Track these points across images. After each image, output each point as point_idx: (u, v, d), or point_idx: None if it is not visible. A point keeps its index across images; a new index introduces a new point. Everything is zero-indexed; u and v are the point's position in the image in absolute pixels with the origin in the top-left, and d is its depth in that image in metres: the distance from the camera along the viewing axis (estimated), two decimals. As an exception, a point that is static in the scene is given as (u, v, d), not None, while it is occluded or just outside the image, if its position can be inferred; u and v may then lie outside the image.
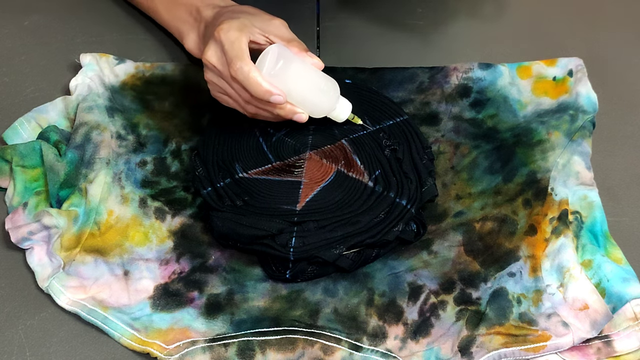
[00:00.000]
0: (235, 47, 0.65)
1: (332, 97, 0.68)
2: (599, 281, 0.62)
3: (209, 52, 0.67)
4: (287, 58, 0.65)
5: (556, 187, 0.68)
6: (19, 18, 0.86)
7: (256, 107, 0.68)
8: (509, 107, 0.76)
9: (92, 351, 0.61)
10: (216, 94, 0.70)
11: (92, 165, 0.69)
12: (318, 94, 0.67)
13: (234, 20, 0.67)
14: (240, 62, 0.64)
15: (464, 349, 0.60)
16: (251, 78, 0.64)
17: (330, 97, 0.68)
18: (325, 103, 0.68)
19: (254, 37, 0.67)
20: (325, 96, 0.68)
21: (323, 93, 0.67)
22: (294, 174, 0.69)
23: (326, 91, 0.68)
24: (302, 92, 0.66)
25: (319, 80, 0.67)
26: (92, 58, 0.77)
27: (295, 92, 0.66)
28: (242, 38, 0.65)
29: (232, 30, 0.65)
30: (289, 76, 0.65)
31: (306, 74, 0.67)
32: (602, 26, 0.87)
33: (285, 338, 0.60)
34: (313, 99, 0.67)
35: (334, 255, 0.63)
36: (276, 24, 0.70)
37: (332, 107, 0.69)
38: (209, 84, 0.70)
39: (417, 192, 0.67)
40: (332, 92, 0.68)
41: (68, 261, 0.64)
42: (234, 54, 0.65)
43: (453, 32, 0.87)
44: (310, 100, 0.67)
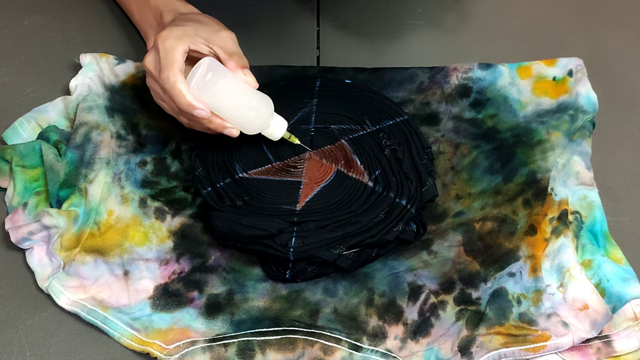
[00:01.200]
0: (168, 55, 0.65)
1: (264, 116, 0.67)
2: (599, 281, 0.62)
3: (147, 58, 0.67)
4: (217, 72, 0.65)
5: (556, 187, 0.68)
6: (19, 18, 0.86)
7: (187, 118, 0.68)
8: (509, 107, 0.76)
9: (92, 351, 0.61)
10: (157, 100, 0.70)
11: (92, 165, 0.69)
12: (247, 111, 0.66)
13: (176, 28, 0.67)
14: (168, 72, 0.64)
15: (464, 349, 0.60)
16: (176, 89, 0.64)
17: (262, 115, 0.67)
18: (256, 120, 0.67)
19: (196, 46, 0.67)
20: (255, 114, 0.67)
21: (254, 110, 0.66)
22: (294, 174, 0.69)
23: (257, 109, 0.67)
24: (231, 108, 0.66)
25: (249, 97, 0.66)
26: (92, 58, 0.77)
27: (224, 107, 0.66)
28: (177, 47, 0.65)
29: (170, 38, 0.65)
30: (217, 90, 0.65)
31: (236, 90, 0.66)
32: (602, 26, 0.87)
33: (285, 338, 0.60)
34: (243, 116, 0.66)
35: (334, 255, 0.63)
36: (223, 35, 0.69)
37: (265, 125, 0.68)
38: (150, 90, 0.70)
39: (417, 192, 0.67)
40: (264, 110, 0.67)
41: (68, 261, 0.64)
42: (165, 62, 0.65)
43: (453, 32, 0.87)
44: (240, 117, 0.66)
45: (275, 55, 0.83)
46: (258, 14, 0.88)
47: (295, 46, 0.85)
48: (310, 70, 0.81)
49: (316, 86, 0.76)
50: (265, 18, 0.88)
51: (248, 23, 0.87)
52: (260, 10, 0.88)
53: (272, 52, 0.83)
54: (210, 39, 0.68)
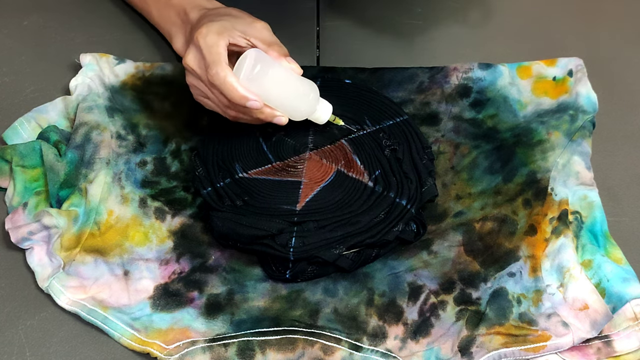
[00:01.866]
0: (213, 51, 0.65)
1: (312, 101, 0.68)
2: (599, 281, 0.62)
3: (188, 57, 0.67)
4: (265, 62, 0.65)
5: (556, 187, 0.68)
6: (18, 18, 0.86)
7: (236, 111, 0.68)
8: (509, 107, 0.76)
9: (92, 351, 0.61)
10: (199, 97, 0.70)
11: (92, 165, 0.69)
12: (296, 98, 0.67)
13: (213, 23, 0.67)
14: (216, 68, 0.64)
15: (464, 349, 0.60)
16: (227, 83, 0.64)
17: (310, 100, 0.68)
18: (304, 106, 0.68)
19: (235, 40, 0.67)
20: (304, 100, 0.68)
21: (302, 97, 0.68)
22: (294, 174, 0.69)
23: (305, 95, 0.68)
24: (281, 97, 0.67)
25: (297, 85, 0.67)
26: (92, 58, 0.77)
27: (274, 97, 0.66)
28: (220, 42, 0.65)
29: (211, 34, 0.66)
30: (266, 81, 0.65)
31: (284, 79, 0.67)
32: (602, 26, 0.87)
33: (285, 338, 0.60)
34: (292, 103, 0.67)
35: (334, 255, 0.63)
36: (258, 27, 0.70)
37: (312, 110, 0.69)
38: (191, 88, 0.70)
39: (417, 192, 0.67)
40: (311, 95, 0.68)
41: (68, 261, 0.64)
42: (212, 59, 0.65)
43: (453, 32, 0.87)
44: (289, 104, 0.67)
45: (275, 55, 0.83)
46: (258, 14, 0.88)
47: (295, 46, 0.85)
48: (310, 70, 0.81)
49: (316, 86, 0.76)
50: (265, 18, 0.87)
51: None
52: (260, 11, 0.88)
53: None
54: (247, 31, 0.68)
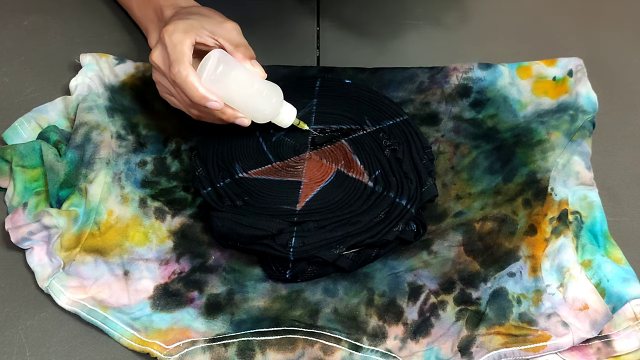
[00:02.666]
0: (177, 50, 0.65)
1: (274, 104, 0.68)
2: (599, 281, 0.62)
3: (155, 53, 0.67)
4: (228, 64, 0.65)
5: (556, 187, 0.68)
6: (18, 18, 0.86)
7: (198, 110, 0.68)
8: (509, 107, 0.76)
9: (92, 351, 0.61)
10: (164, 94, 0.70)
11: (92, 165, 0.69)
12: (259, 101, 0.67)
13: (181, 21, 0.67)
14: (179, 66, 0.64)
15: (464, 349, 0.60)
16: (188, 83, 0.64)
17: (272, 104, 0.68)
18: (267, 109, 0.68)
19: (202, 39, 0.67)
20: (266, 103, 0.68)
21: (264, 100, 0.67)
22: (294, 174, 0.69)
23: (268, 98, 0.67)
24: (242, 99, 0.66)
25: (260, 87, 0.67)
26: (92, 58, 0.77)
27: (236, 98, 0.66)
28: (185, 41, 0.65)
29: (177, 32, 0.66)
30: (228, 82, 0.65)
31: (247, 81, 0.67)
32: (602, 26, 0.87)
33: (285, 338, 0.60)
34: (254, 106, 0.67)
35: (334, 255, 0.63)
36: (227, 27, 0.69)
37: (276, 114, 0.69)
38: (157, 84, 0.70)
39: (417, 192, 0.67)
40: (274, 99, 0.68)
41: (68, 261, 0.64)
42: (175, 57, 0.65)
43: (453, 32, 0.87)
44: (252, 107, 0.67)
45: (275, 55, 0.83)
46: (258, 14, 0.88)
47: (295, 46, 0.85)
48: (310, 70, 0.81)
49: (316, 86, 0.76)
50: (265, 18, 0.88)
51: (248, 23, 0.87)
52: (260, 10, 0.88)
53: (272, 52, 0.83)
54: (215, 31, 0.68)
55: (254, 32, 0.86)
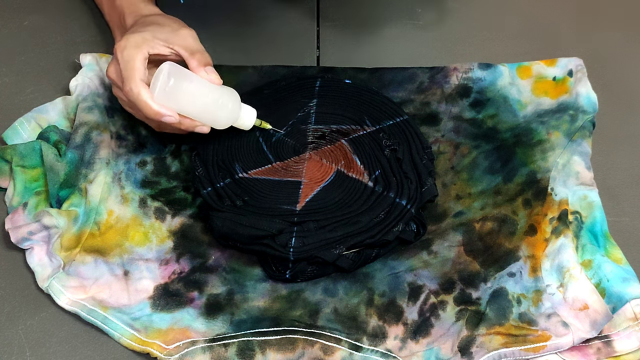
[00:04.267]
0: (128, 67, 0.65)
1: (232, 109, 0.68)
2: (599, 281, 0.62)
3: (110, 69, 0.67)
4: (179, 76, 0.65)
5: (556, 187, 0.68)
6: (18, 18, 0.86)
7: (157, 123, 0.68)
8: (509, 107, 0.76)
9: (92, 351, 0.61)
10: (126, 107, 0.70)
11: (92, 166, 0.69)
12: (215, 109, 0.67)
13: (134, 35, 0.67)
14: (130, 84, 0.64)
15: (464, 349, 0.60)
16: (141, 100, 0.64)
17: (230, 109, 0.68)
18: (224, 115, 0.68)
19: (156, 49, 0.67)
20: (222, 110, 0.67)
21: (220, 107, 0.67)
22: (294, 174, 0.69)
23: (224, 105, 0.67)
24: (198, 108, 0.66)
25: (214, 95, 0.67)
26: (92, 58, 0.77)
27: (191, 109, 0.66)
28: (137, 56, 0.65)
29: (128, 47, 0.65)
30: (181, 95, 0.65)
31: (199, 92, 0.66)
32: (602, 26, 0.87)
33: (285, 338, 0.60)
34: (211, 114, 0.67)
35: (334, 255, 0.63)
36: (183, 34, 0.69)
37: (235, 118, 0.69)
38: (119, 99, 0.70)
39: (417, 192, 0.67)
40: (230, 104, 0.68)
41: (68, 261, 0.64)
42: (126, 74, 0.65)
43: (453, 32, 0.87)
44: (208, 116, 0.67)
45: (275, 55, 0.83)
46: (258, 14, 0.88)
47: (295, 46, 0.85)
48: (310, 70, 0.81)
49: (316, 86, 0.76)
50: (265, 18, 0.88)
51: (248, 23, 0.87)
52: (260, 10, 0.88)
53: (272, 52, 0.83)
54: (169, 39, 0.68)
55: (254, 32, 0.86)
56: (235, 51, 0.83)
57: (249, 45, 0.84)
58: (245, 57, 0.82)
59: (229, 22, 0.86)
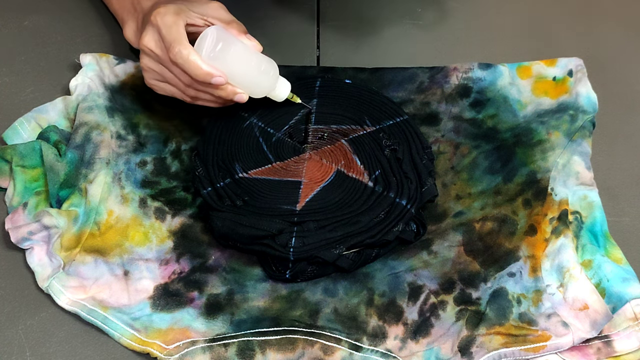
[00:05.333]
0: (172, 31, 0.65)
1: (272, 78, 0.69)
2: (599, 281, 0.62)
3: (146, 37, 0.67)
4: (226, 40, 0.66)
5: (556, 187, 0.68)
6: (19, 18, 0.86)
7: (196, 90, 0.68)
8: (509, 107, 0.76)
9: (92, 351, 0.61)
10: (152, 81, 0.70)
11: (92, 166, 0.69)
12: (258, 75, 0.68)
13: (170, 5, 0.67)
14: (179, 46, 0.64)
15: (464, 349, 0.60)
16: (191, 61, 0.64)
17: (270, 77, 0.69)
18: (265, 83, 0.69)
19: (192, 20, 0.67)
20: (264, 76, 0.69)
21: (263, 73, 0.68)
22: (294, 174, 0.69)
23: (266, 72, 0.69)
24: (242, 73, 0.67)
25: (258, 61, 0.68)
26: (92, 58, 0.77)
27: (235, 73, 0.67)
28: (179, 22, 0.65)
29: (169, 14, 0.65)
30: (228, 58, 0.66)
31: (245, 56, 0.67)
32: (602, 26, 0.87)
33: (285, 338, 0.60)
34: (253, 80, 0.68)
35: (334, 255, 0.63)
36: (214, 6, 0.70)
37: (272, 87, 0.70)
38: (146, 72, 0.70)
39: (417, 192, 0.67)
40: (271, 72, 0.69)
41: (68, 261, 0.64)
42: (172, 37, 0.65)
43: (453, 32, 0.87)
44: (251, 81, 0.68)
45: (275, 55, 0.82)
46: (258, 14, 0.88)
47: (295, 46, 0.85)
48: (310, 70, 0.81)
49: (316, 86, 0.76)
50: (265, 18, 0.88)
51: (248, 23, 0.87)
52: (260, 10, 0.88)
53: (272, 52, 0.83)
54: (203, 11, 0.68)
55: (254, 32, 0.86)
56: (235, 51, 0.83)
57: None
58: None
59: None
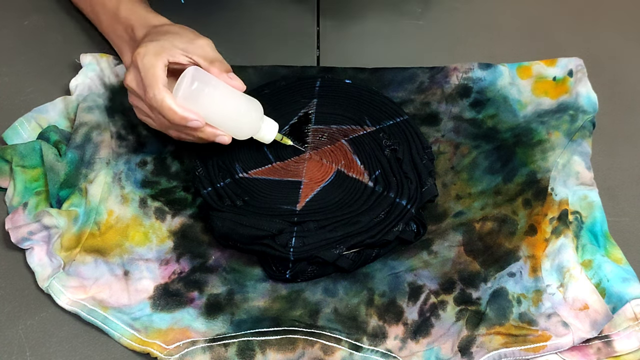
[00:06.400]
0: (149, 74, 0.64)
1: (254, 119, 0.67)
2: (599, 281, 0.62)
3: (128, 77, 0.66)
4: (203, 80, 0.64)
5: (556, 187, 0.68)
6: (19, 18, 0.86)
7: (178, 131, 0.67)
8: (509, 107, 0.76)
9: (92, 351, 0.61)
10: (141, 117, 0.69)
11: (92, 166, 0.69)
12: (238, 116, 0.66)
13: (152, 43, 0.66)
14: (153, 90, 0.63)
15: (464, 349, 0.60)
16: (165, 106, 0.63)
17: (252, 119, 0.67)
18: (246, 125, 0.67)
19: (175, 58, 0.66)
20: (245, 118, 0.66)
21: (243, 116, 0.66)
22: (294, 174, 0.69)
23: (246, 113, 0.66)
24: (220, 115, 0.65)
25: (238, 102, 0.66)
26: (92, 58, 0.78)
27: (213, 115, 0.65)
28: (157, 63, 0.64)
29: (148, 55, 0.64)
30: (204, 99, 0.64)
31: (224, 96, 0.65)
32: (602, 26, 0.87)
33: (285, 338, 0.60)
34: (233, 122, 0.66)
35: (334, 255, 0.63)
36: (200, 43, 0.68)
37: (256, 129, 0.67)
38: (134, 108, 0.69)
39: (417, 192, 0.67)
40: (253, 114, 0.67)
41: (68, 261, 0.64)
42: (148, 81, 0.64)
43: (453, 32, 0.87)
44: (231, 123, 0.66)
45: (275, 55, 0.83)
46: (258, 14, 0.88)
47: (295, 46, 0.85)
48: (310, 70, 0.81)
49: (316, 86, 0.76)
50: (265, 18, 0.88)
51: (248, 23, 0.87)
52: (260, 10, 0.88)
53: (272, 52, 0.84)
54: (188, 49, 0.67)
55: (254, 32, 0.86)
56: (235, 51, 0.83)
57: (249, 45, 0.84)
58: (245, 57, 0.82)
59: (229, 22, 0.86)
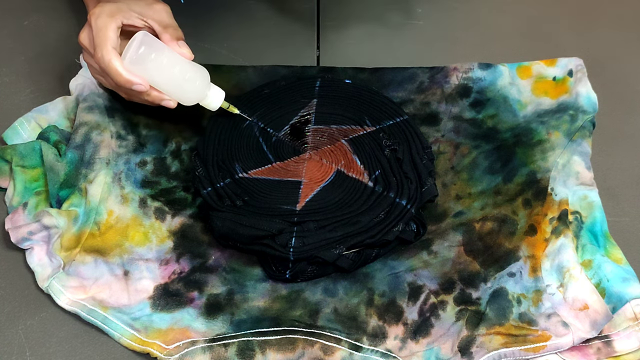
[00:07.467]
0: (101, 34, 0.65)
1: (199, 86, 0.68)
2: (599, 281, 0.62)
3: (82, 35, 0.68)
4: (151, 45, 0.66)
5: (556, 187, 0.68)
6: (18, 18, 0.86)
7: (126, 92, 0.69)
8: (509, 107, 0.76)
9: (92, 351, 0.61)
10: (95, 75, 0.71)
11: (92, 166, 0.69)
12: (183, 83, 0.67)
13: (109, 4, 0.67)
14: (101, 51, 0.65)
15: (464, 349, 0.60)
16: (111, 67, 0.65)
17: (197, 86, 0.68)
18: (191, 92, 0.68)
19: (130, 20, 0.67)
20: (190, 85, 0.68)
21: (188, 82, 0.68)
22: (294, 174, 0.69)
23: (192, 80, 0.68)
24: (165, 80, 0.67)
25: (184, 69, 0.67)
26: (92, 58, 0.78)
27: (159, 80, 0.67)
28: (110, 25, 0.66)
29: (102, 15, 0.66)
30: (149, 64, 0.66)
31: (170, 63, 0.67)
32: (602, 26, 0.87)
33: (285, 338, 0.60)
34: (178, 88, 0.68)
35: (334, 255, 0.63)
36: (157, 8, 0.70)
37: (202, 96, 0.69)
38: (88, 66, 0.71)
39: (417, 192, 0.67)
40: (199, 81, 0.68)
41: (68, 261, 0.64)
42: (98, 41, 0.65)
43: (453, 32, 0.87)
44: (176, 89, 0.68)
45: (275, 55, 0.83)
46: (258, 14, 0.88)
47: (295, 46, 0.85)
48: (310, 70, 0.81)
49: (316, 86, 0.76)
50: (265, 18, 0.88)
51: (248, 23, 0.87)
52: (260, 10, 0.88)
53: (272, 52, 0.84)
54: (144, 12, 0.68)
55: (254, 32, 0.86)
56: (235, 51, 0.83)
57: (249, 45, 0.84)
58: (245, 57, 0.82)
59: (229, 22, 0.86)
